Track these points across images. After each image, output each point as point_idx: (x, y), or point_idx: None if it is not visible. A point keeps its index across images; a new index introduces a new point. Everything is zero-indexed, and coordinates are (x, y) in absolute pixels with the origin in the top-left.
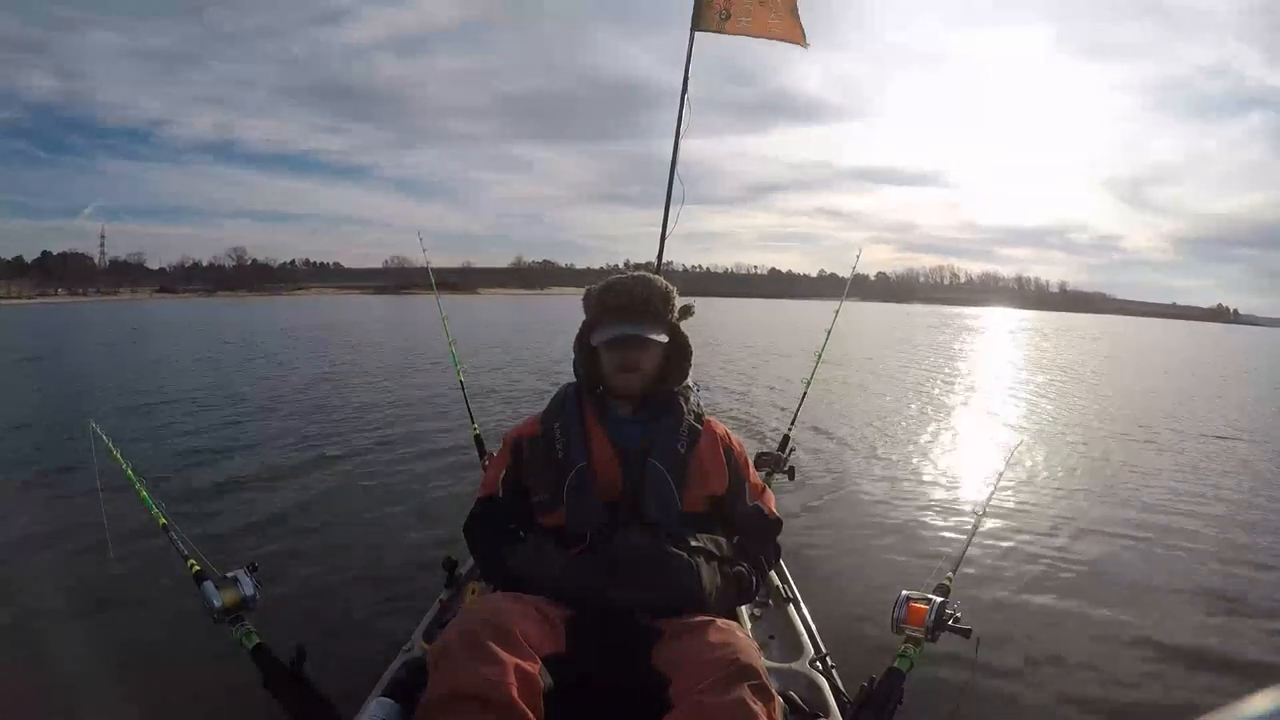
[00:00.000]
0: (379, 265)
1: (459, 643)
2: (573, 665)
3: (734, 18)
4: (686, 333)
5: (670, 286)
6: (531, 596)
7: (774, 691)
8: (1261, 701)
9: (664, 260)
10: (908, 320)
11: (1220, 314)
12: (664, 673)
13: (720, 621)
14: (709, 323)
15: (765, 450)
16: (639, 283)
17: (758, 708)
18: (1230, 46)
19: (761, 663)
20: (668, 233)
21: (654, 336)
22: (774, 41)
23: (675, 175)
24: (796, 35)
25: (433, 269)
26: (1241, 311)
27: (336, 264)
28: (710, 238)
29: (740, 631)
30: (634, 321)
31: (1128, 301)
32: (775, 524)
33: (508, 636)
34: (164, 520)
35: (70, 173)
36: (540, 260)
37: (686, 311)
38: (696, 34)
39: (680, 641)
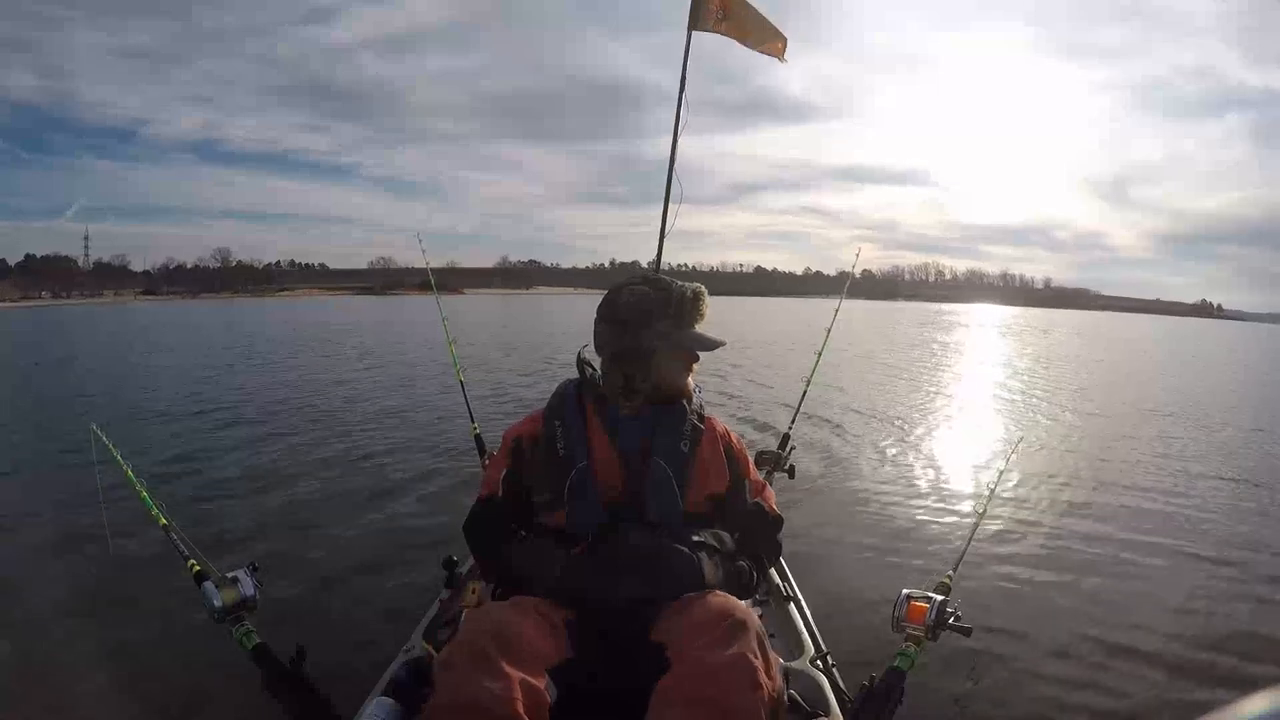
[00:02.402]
0: (364, 265)
1: (463, 655)
2: (578, 671)
3: (729, 19)
4: None
5: None
6: (533, 599)
7: (771, 650)
8: (1261, 702)
9: (675, 260)
10: (897, 317)
11: (1204, 309)
12: (663, 642)
13: (717, 591)
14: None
15: (765, 449)
16: (704, 294)
17: (758, 662)
18: (1210, 47)
19: (758, 622)
20: (667, 231)
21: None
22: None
23: (674, 174)
24: (778, 50)
25: (418, 269)
26: (1225, 307)
27: (322, 264)
28: (695, 236)
29: (735, 600)
30: (701, 328)
31: (1112, 298)
32: (776, 522)
33: (513, 648)
34: (164, 520)
35: (53, 173)
36: (527, 260)
37: None
38: (693, 34)
39: (678, 610)
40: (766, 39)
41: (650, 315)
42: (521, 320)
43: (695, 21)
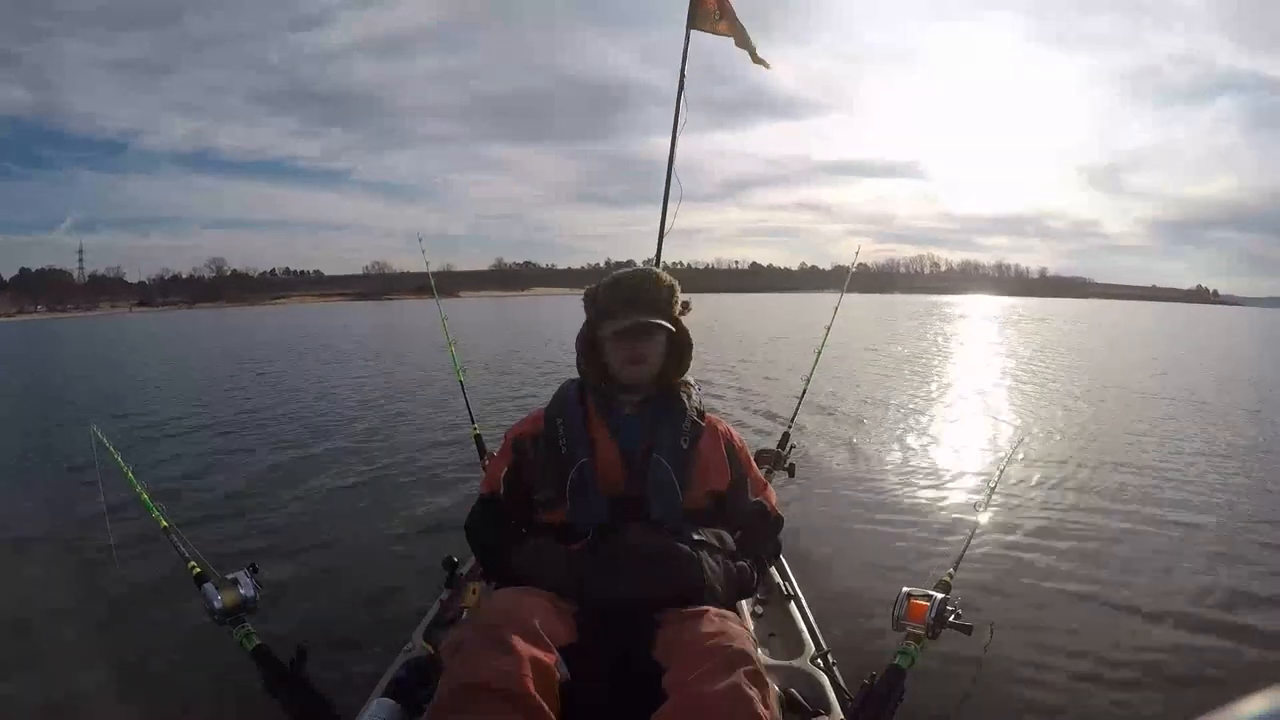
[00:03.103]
0: (359, 271)
1: (476, 635)
2: (582, 657)
3: (725, 18)
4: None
5: (674, 281)
6: (539, 591)
7: (768, 679)
8: (1260, 702)
9: (656, 258)
10: (893, 310)
11: (1200, 295)
12: (660, 662)
13: (714, 611)
14: (702, 321)
15: (765, 447)
16: (646, 276)
17: (753, 693)
18: (1199, 33)
19: (755, 650)
20: (667, 229)
21: (662, 324)
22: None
23: (673, 172)
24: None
25: (414, 273)
26: (1221, 292)
27: (316, 271)
28: (689, 234)
29: (734, 621)
30: (642, 312)
31: (1109, 285)
32: (777, 521)
33: (525, 628)
34: (165, 523)
35: (45, 185)
36: (522, 262)
37: (685, 306)
38: (689, 33)
39: (675, 631)
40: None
41: (588, 313)
42: (519, 323)
43: (694, 21)
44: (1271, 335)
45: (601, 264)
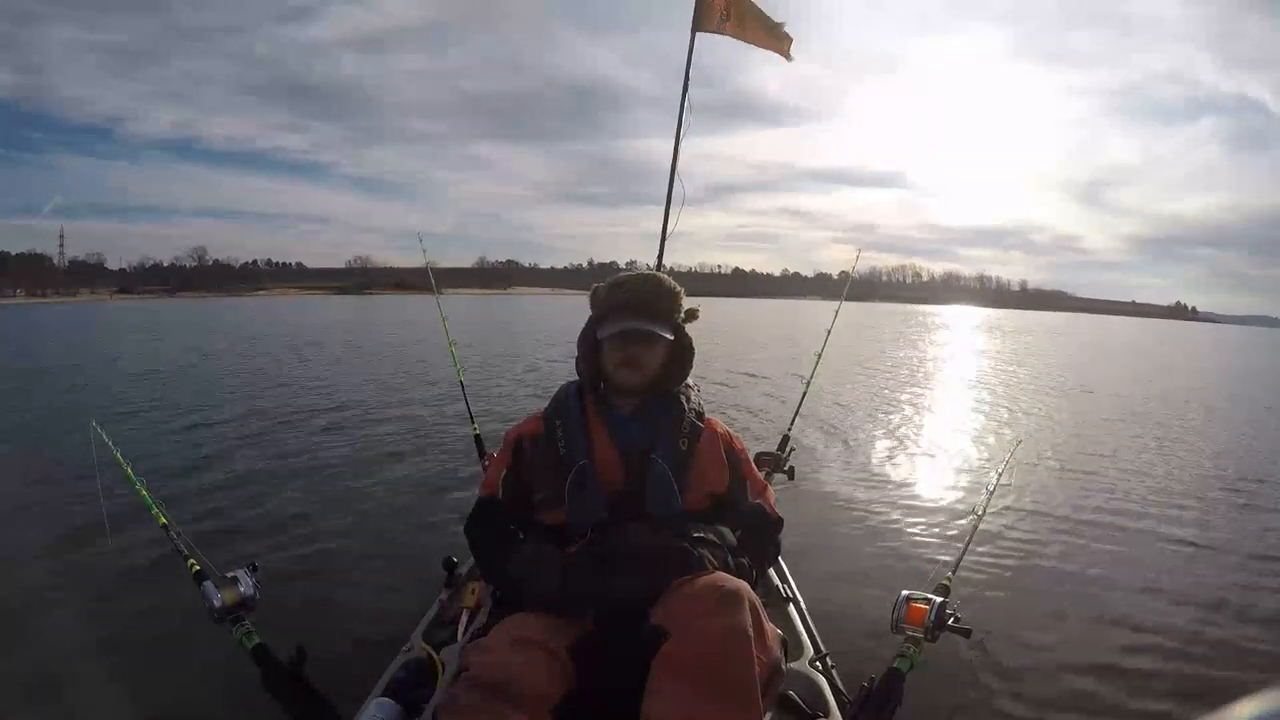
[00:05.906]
0: (340, 265)
1: (467, 702)
2: (585, 697)
3: (732, 19)
4: (690, 335)
5: (678, 287)
6: (534, 622)
7: (766, 619)
8: (1260, 702)
9: (652, 260)
10: (878, 319)
11: (1179, 311)
12: (661, 624)
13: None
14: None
15: (765, 450)
16: (647, 281)
17: (751, 631)
18: (1183, 53)
19: (753, 594)
20: (669, 232)
21: (659, 332)
22: (757, 48)
23: (676, 175)
24: (783, 49)
25: (396, 268)
26: (1200, 309)
27: (298, 264)
28: (673, 237)
29: (728, 575)
30: (640, 318)
31: (1089, 300)
32: (777, 523)
33: (518, 695)
34: (164, 520)
35: (28, 170)
36: (504, 260)
37: (691, 314)
38: (695, 34)
39: (674, 591)
40: (771, 38)
41: (592, 312)
42: (515, 323)
43: (699, 22)
44: (1245, 351)
45: (584, 264)
